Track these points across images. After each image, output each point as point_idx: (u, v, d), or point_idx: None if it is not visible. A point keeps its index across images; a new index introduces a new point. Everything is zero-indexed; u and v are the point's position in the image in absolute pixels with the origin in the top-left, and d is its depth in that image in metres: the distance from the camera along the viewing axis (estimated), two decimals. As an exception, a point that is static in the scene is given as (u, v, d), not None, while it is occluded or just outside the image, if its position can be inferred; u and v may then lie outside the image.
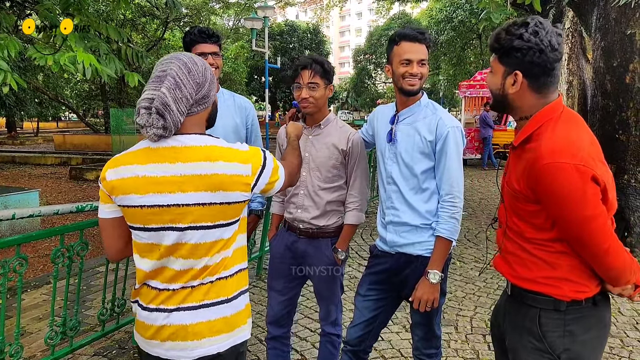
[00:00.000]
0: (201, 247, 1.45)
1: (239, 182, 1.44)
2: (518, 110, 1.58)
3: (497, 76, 1.57)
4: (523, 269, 1.59)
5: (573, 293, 1.51)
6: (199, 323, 1.46)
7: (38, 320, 3.80)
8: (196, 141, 1.44)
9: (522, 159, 1.52)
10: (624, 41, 5.65)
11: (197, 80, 1.45)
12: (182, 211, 1.41)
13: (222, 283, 1.49)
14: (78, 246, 2.68)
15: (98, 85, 25.06)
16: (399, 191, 2.18)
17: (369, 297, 2.31)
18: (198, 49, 2.42)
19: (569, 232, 1.46)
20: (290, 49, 36.97)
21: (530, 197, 1.49)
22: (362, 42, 47.46)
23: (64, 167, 14.97)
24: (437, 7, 25.08)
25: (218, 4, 24.74)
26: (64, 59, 3.68)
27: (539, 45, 1.46)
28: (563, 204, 1.41)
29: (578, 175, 1.39)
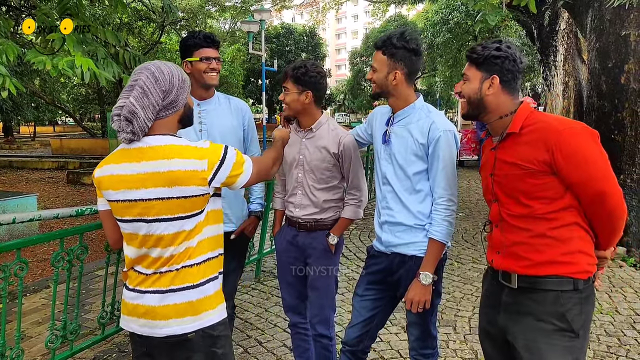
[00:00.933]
0: (166, 238, 1.61)
1: (195, 177, 1.57)
2: (496, 110, 1.80)
3: (475, 82, 1.82)
4: (536, 254, 1.70)
5: (587, 266, 1.68)
6: (166, 305, 1.62)
7: (38, 324, 3.81)
8: (159, 141, 1.60)
9: (523, 142, 1.71)
10: (619, 42, 5.69)
11: (163, 88, 1.61)
12: (147, 205, 1.58)
13: (187, 270, 1.63)
14: (78, 250, 2.69)
15: (95, 89, 25.05)
16: (394, 191, 2.21)
17: (366, 297, 2.33)
18: (202, 53, 2.45)
19: (591, 189, 1.62)
20: (286, 51, 36.99)
21: (544, 169, 1.65)
22: (358, 44, 47.55)
23: (61, 171, 14.97)
24: (433, 9, 25.12)
25: (214, 7, 24.74)
26: (62, 63, 3.69)
27: (513, 55, 1.77)
28: (586, 161, 1.60)
29: (592, 137, 1.64)
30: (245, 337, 3.54)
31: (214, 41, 2.50)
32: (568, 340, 1.66)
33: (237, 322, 3.65)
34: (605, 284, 4.61)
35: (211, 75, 2.48)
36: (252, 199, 2.83)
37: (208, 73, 2.46)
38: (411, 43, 2.11)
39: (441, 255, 2.13)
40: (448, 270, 4.90)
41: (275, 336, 3.54)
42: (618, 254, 5.38)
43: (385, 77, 2.15)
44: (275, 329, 3.65)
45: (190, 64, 2.48)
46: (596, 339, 3.51)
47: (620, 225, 1.70)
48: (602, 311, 3.98)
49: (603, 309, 4.02)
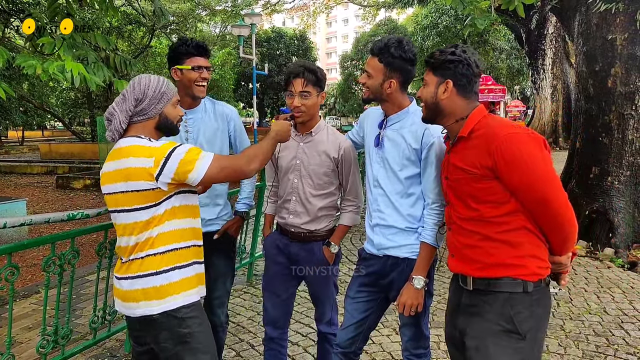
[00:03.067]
0: (128, 227, 1.84)
1: (143, 173, 1.76)
2: (451, 114, 1.83)
3: (431, 86, 1.86)
4: (487, 257, 1.72)
5: (538, 269, 1.68)
6: (135, 290, 1.84)
7: (28, 330, 3.77)
8: (126, 142, 1.84)
9: (471, 146, 1.74)
10: (606, 46, 5.79)
11: (135, 96, 1.87)
12: (115, 197, 1.83)
13: (151, 259, 1.83)
14: (69, 254, 2.68)
15: (84, 94, 24.88)
16: (385, 194, 2.22)
17: (358, 299, 2.34)
18: (194, 61, 2.41)
19: (533, 194, 1.62)
20: (277, 55, 37.03)
21: (487, 174, 1.67)
22: (348, 48, 47.66)
23: (51, 176, 14.84)
24: (422, 13, 25.33)
25: (205, 11, 24.72)
26: (52, 67, 3.67)
27: (467, 60, 1.79)
28: (527, 166, 1.60)
29: (533, 141, 1.64)
30: (237, 341, 3.54)
31: (206, 50, 2.47)
32: (515, 342, 1.66)
33: (229, 325, 3.65)
34: (593, 284, 4.67)
35: (201, 87, 2.45)
36: (239, 199, 2.79)
37: (199, 83, 2.43)
38: (409, 53, 2.13)
39: (432, 258, 2.14)
40: (439, 272, 4.92)
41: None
42: (606, 255, 5.45)
43: (380, 85, 2.16)
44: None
45: (180, 72, 2.43)
46: (585, 338, 3.55)
47: (569, 231, 1.68)
48: (591, 311, 4.03)
49: (591, 309, 4.07)
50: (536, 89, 20.22)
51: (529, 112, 28.01)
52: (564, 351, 3.37)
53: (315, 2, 31.15)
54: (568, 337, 3.59)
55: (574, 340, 3.53)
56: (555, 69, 19.36)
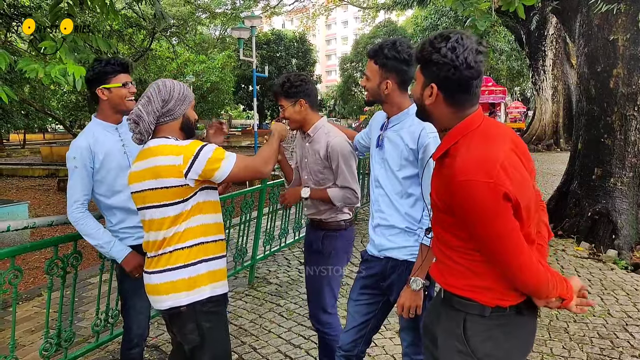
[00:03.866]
0: (156, 222, 1.93)
1: (173, 170, 1.87)
2: (437, 122, 1.61)
3: (418, 85, 1.60)
4: (451, 277, 1.62)
5: (496, 300, 1.53)
6: (165, 283, 1.93)
7: (30, 333, 3.77)
8: (154, 143, 1.95)
9: (441, 174, 1.54)
10: (607, 47, 5.78)
11: (163, 97, 1.96)
12: (144, 195, 1.93)
13: (179, 253, 1.93)
14: (72, 257, 2.68)
15: (85, 97, 24.88)
16: (386, 194, 2.23)
17: (360, 301, 2.34)
18: (122, 79, 2.42)
19: (483, 247, 1.49)
20: (277, 57, 37.08)
21: (448, 210, 1.53)
22: (348, 50, 47.78)
23: (52, 179, 14.88)
24: (422, 14, 25.35)
25: (204, 14, 24.75)
26: (55, 71, 3.68)
27: (454, 62, 1.45)
28: (475, 220, 1.44)
29: (489, 193, 1.39)
30: (239, 344, 3.53)
31: (129, 67, 2.51)
32: None
33: (231, 328, 3.64)
34: (596, 286, 4.65)
35: (131, 101, 2.46)
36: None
37: (129, 98, 2.45)
38: (402, 53, 2.13)
39: (432, 261, 2.12)
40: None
41: (269, 342, 3.53)
42: (609, 257, 5.44)
43: (378, 86, 2.19)
44: (269, 335, 3.64)
45: (107, 91, 2.43)
46: (589, 341, 3.54)
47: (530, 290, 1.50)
48: (595, 314, 4.01)
49: (595, 312, 4.05)
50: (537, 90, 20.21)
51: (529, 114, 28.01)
52: (568, 354, 3.36)
53: (314, 4, 31.20)
54: (572, 339, 3.57)
55: (578, 343, 3.51)
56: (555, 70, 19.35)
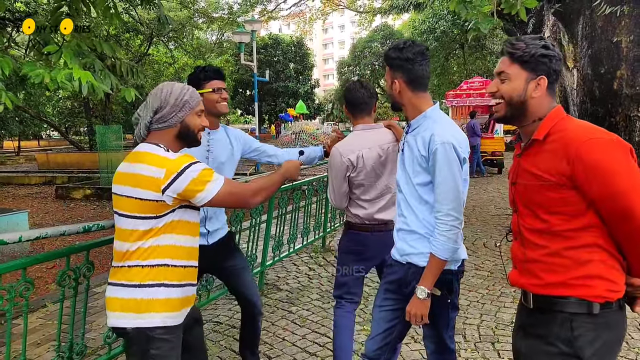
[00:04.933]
0: (124, 233, 1.80)
1: (151, 182, 1.73)
2: (534, 113, 1.65)
3: (518, 82, 1.65)
4: (551, 275, 1.57)
5: (606, 292, 1.51)
6: (115, 298, 1.79)
7: (36, 346, 3.69)
8: (141, 148, 1.84)
9: (545, 151, 1.58)
10: (611, 49, 5.77)
11: (158, 103, 1.86)
12: (120, 200, 1.80)
13: (138, 270, 1.77)
14: (84, 267, 2.62)
15: (81, 102, 24.80)
16: (406, 200, 2.19)
17: (384, 307, 2.29)
18: (214, 84, 2.65)
19: (614, 207, 1.46)
20: (274, 62, 37.08)
21: (563, 182, 1.52)
22: (345, 54, 47.84)
23: (49, 187, 14.73)
24: (419, 18, 25.40)
25: (202, 18, 24.70)
26: (60, 76, 3.63)
27: (559, 54, 1.62)
28: (608, 176, 1.45)
29: (620, 147, 1.47)
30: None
31: (222, 74, 2.74)
32: None
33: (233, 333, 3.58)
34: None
35: (223, 105, 2.69)
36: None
37: (220, 103, 2.66)
38: (405, 52, 2.13)
39: (441, 270, 2.06)
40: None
41: (284, 350, 3.47)
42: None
43: (390, 87, 2.22)
44: (284, 343, 3.59)
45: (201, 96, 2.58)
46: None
47: None
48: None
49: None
50: (534, 92, 20.25)
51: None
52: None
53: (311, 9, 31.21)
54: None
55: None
56: (552, 72, 19.39)
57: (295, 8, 28.46)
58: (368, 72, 38.69)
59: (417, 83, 2.14)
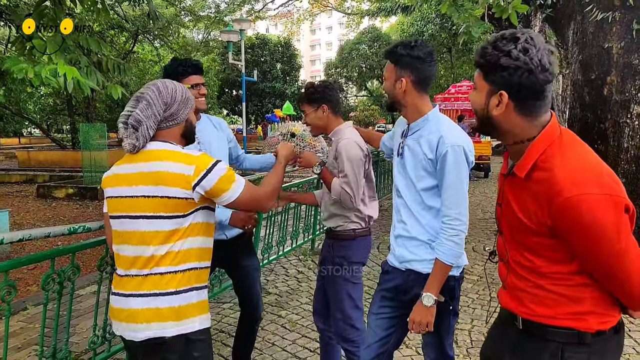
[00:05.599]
0: (147, 235, 1.69)
1: (180, 180, 1.66)
2: (508, 134, 1.42)
3: (481, 95, 1.42)
4: (540, 307, 1.44)
5: (598, 325, 1.40)
6: (149, 309, 1.69)
7: (17, 350, 3.56)
8: (154, 146, 1.74)
9: (528, 190, 1.38)
10: (602, 54, 5.79)
11: (165, 100, 1.75)
12: (133, 201, 1.70)
13: (172, 276, 1.71)
14: (69, 271, 2.51)
15: (63, 100, 24.35)
16: (407, 205, 2.12)
17: (381, 315, 2.23)
18: (192, 80, 2.55)
19: (596, 267, 1.34)
20: (261, 62, 36.89)
21: (544, 232, 1.35)
22: (332, 55, 47.80)
23: (30, 185, 14.41)
24: (408, 21, 25.49)
25: (188, 16, 24.46)
26: (45, 71, 3.51)
27: (528, 64, 1.30)
28: (592, 239, 1.27)
29: (612, 207, 1.25)
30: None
31: (201, 69, 2.63)
32: None
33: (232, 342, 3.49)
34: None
35: (202, 101, 2.60)
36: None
37: (198, 99, 2.56)
38: (416, 50, 2.05)
39: (446, 276, 2.01)
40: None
41: (274, 356, 3.39)
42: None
43: (393, 86, 2.11)
44: (273, 348, 3.50)
45: None
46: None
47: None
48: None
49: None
50: (520, 97, 20.45)
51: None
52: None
53: (299, 9, 31.16)
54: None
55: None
56: (538, 78, 19.61)
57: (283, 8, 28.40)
58: (355, 74, 38.71)
59: (424, 84, 2.09)
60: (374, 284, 4.72)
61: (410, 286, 2.11)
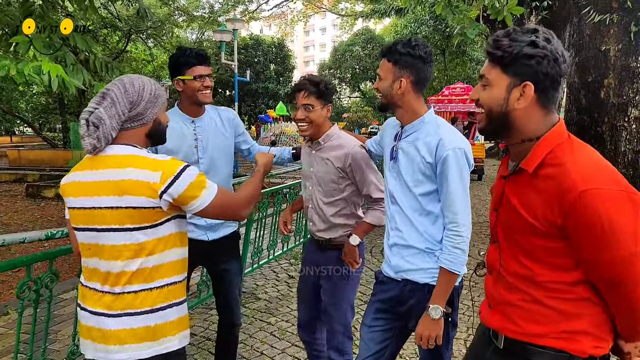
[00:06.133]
0: (115, 249, 1.56)
1: (145, 188, 1.53)
2: (520, 131, 1.35)
3: (499, 89, 1.33)
4: (530, 324, 1.34)
5: (592, 349, 1.30)
6: (124, 329, 1.56)
7: (-5, 357, 3.43)
8: (118, 150, 1.60)
9: (534, 187, 1.30)
10: (599, 57, 5.74)
11: (130, 99, 1.61)
12: (98, 213, 1.56)
13: (146, 294, 1.58)
14: (47, 278, 2.39)
15: (55, 99, 24.10)
16: (402, 211, 2.02)
17: (374, 327, 2.12)
18: (196, 71, 2.40)
19: (603, 273, 1.24)
20: (255, 62, 36.70)
21: (552, 232, 1.27)
22: (326, 56, 47.72)
23: (20, 184, 14.20)
24: (401, 22, 25.45)
25: (182, 16, 24.31)
26: (28, 68, 3.37)
27: (554, 53, 1.27)
28: (605, 239, 1.18)
29: (629, 205, 1.17)
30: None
31: (206, 58, 2.47)
32: None
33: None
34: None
35: (205, 94, 2.45)
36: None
37: (202, 91, 2.43)
38: (417, 50, 1.96)
39: (453, 286, 1.92)
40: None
41: (263, 365, 3.28)
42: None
43: (391, 86, 2.00)
44: (262, 357, 3.38)
45: (182, 82, 2.42)
46: None
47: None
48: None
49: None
50: (514, 99, 20.47)
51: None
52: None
53: (293, 10, 31.07)
54: None
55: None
56: (532, 80, 19.63)
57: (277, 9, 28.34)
58: (349, 75, 38.64)
59: (422, 85, 2.00)
60: (366, 289, 4.63)
61: (407, 297, 2.02)
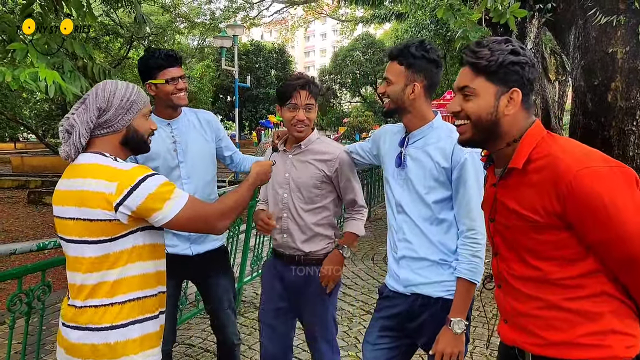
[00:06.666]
0: (77, 261, 1.53)
1: (101, 199, 1.47)
2: (507, 134, 1.37)
3: (487, 98, 1.36)
4: (550, 332, 1.29)
5: (624, 351, 1.24)
6: (84, 344, 1.52)
7: (-10, 371, 3.34)
8: (87, 159, 1.55)
9: (527, 183, 1.30)
10: (605, 60, 5.65)
11: (98, 105, 1.55)
12: (64, 223, 1.54)
13: (106, 309, 1.52)
14: (39, 290, 2.31)
15: (59, 105, 24.13)
16: (412, 221, 1.92)
17: (379, 346, 2.01)
18: (167, 74, 2.27)
19: (617, 251, 1.20)
20: (256, 68, 36.77)
21: (554, 223, 1.25)
22: (327, 62, 47.73)
23: (22, 191, 14.19)
24: (402, 27, 25.44)
25: (183, 23, 24.38)
26: (24, 75, 3.31)
27: (532, 59, 1.35)
28: (608, 216, 1.17)
29: (623, 177, 1.19)
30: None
31: (177, 59, 2.33)
32: None
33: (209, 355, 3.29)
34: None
35: (180, 96, 2.33)
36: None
37: (176, 94, 2.32)
38: (431, 53, 1.89)
39: (472, 296, 1.84)
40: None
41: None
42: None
43: (402, 90, 1.91)
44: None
45: (154, 87, 2.29)
46: None
47: None
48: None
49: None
50: (516, 104, 20.41)
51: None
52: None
53: (293, 16, 31.12)
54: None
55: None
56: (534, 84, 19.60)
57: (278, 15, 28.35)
58: (349, 80, 38.64)
59: (433, 90, 1.93)
60: (368, 298, 4.53)
61: (417, 313, 1.92)
